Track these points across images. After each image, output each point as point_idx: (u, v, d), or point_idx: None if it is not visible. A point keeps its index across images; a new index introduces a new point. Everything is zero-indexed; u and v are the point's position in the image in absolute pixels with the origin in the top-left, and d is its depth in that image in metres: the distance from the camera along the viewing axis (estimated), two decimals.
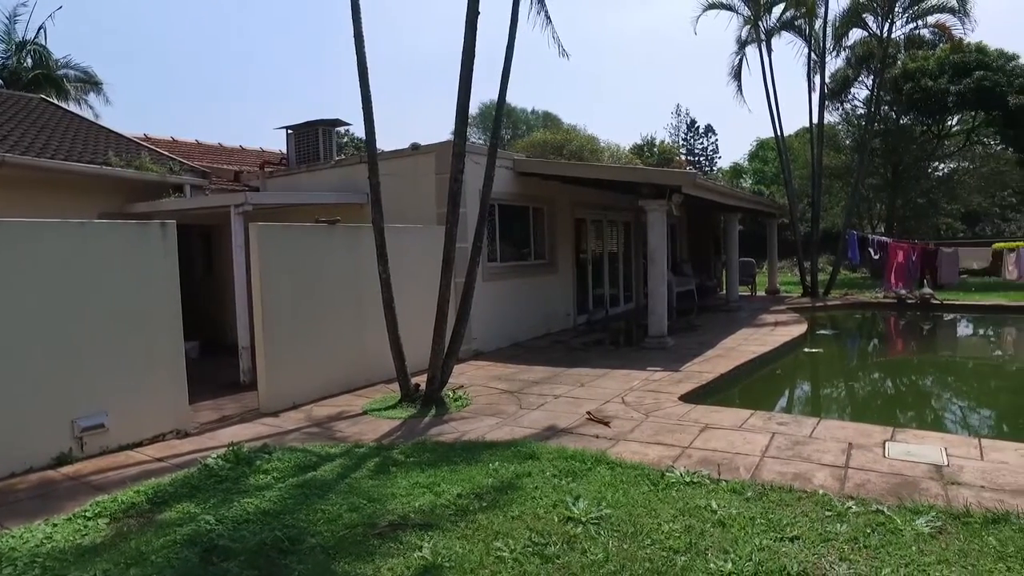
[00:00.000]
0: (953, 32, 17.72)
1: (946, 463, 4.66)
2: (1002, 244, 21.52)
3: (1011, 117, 22.77)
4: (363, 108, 7.04)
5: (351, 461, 5.06)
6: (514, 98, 57.25)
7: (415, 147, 10.60)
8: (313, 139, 12.30)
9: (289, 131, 12.68)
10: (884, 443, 5.13)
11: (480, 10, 7.04)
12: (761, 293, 19.44)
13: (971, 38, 21.00)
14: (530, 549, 3.45)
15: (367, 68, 6.98)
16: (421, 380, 7.08)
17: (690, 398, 6.90)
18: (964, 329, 15.00)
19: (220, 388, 8.01)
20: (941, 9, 17.34)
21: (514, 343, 10.88)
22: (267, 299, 6.89)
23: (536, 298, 11.71)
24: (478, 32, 6.94)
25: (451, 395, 7.18)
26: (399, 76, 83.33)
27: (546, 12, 9.69)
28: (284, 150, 13.32)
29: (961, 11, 16.92)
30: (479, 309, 9.79)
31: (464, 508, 4.03)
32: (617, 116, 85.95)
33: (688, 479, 4.40)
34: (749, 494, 4.13)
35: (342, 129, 21.01)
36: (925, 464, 4.65)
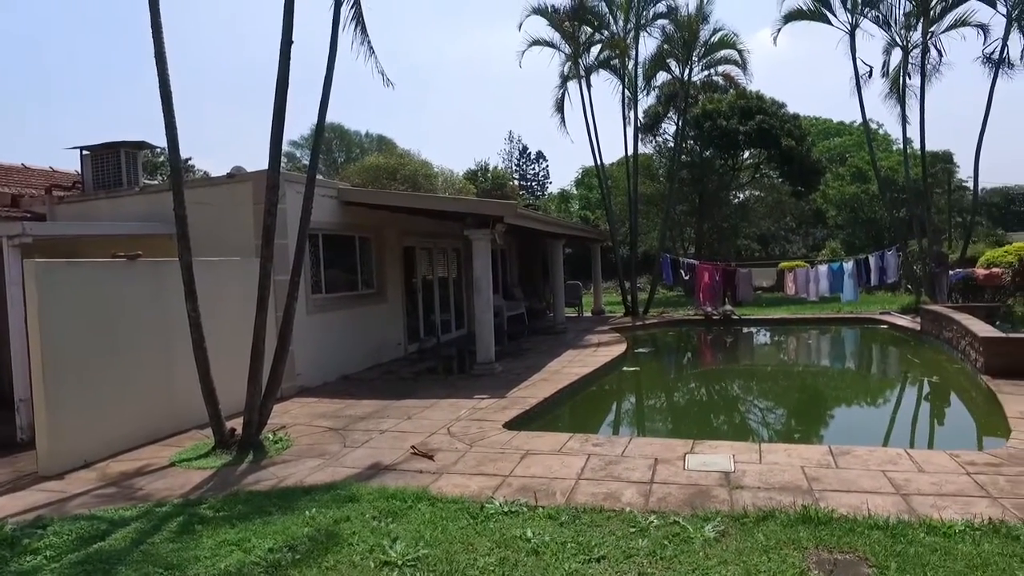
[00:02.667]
0: (738, 81, 20.61)
1: (733, 469, 5.22)
2: (785, 264, 24.77)
3: (784, 156, 26.65)
4: (167, 135, 6.56)
5: (149, 524, 4.60)
6: (349, 120, 56.41)
7: (232, 175, 10.04)
8: (115, 162, 11.17)
9: (85, 152, 11.41)
10: (685, 456, 5.63)
11: (294, 39, 6.88)
12: (588, 314, 20.60)
13: (752, 87, 24.36)
14: None
15: (171, 92, 6.51)
16: (239, 424, 6.65)
17: (514, 424, 7.11)
18: (758, 340, 16.95)
19: None
20: (728, 61, 20.08)
21: (342, 376, 10.57)
22: (48, 344, 6.10)
23: (365, 329, 11.49)
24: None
25: (271, 437, 6.81)
26: (236, 86, 78.58)
27: (369, 43, 9.64)
28: (80, 172, 11.95)
29: (742, 64, 19.85)
30: (304, 343, 9.43)
31: (276, 563, 3.83)
32: (452, 141, 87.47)
33: (507, 509, 4.52)
34: (563, 519, 4.32)
35: (158, 148, 19.27)
36: (717, 472, 5.18)
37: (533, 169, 63.53)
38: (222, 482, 5.58)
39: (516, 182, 52.33)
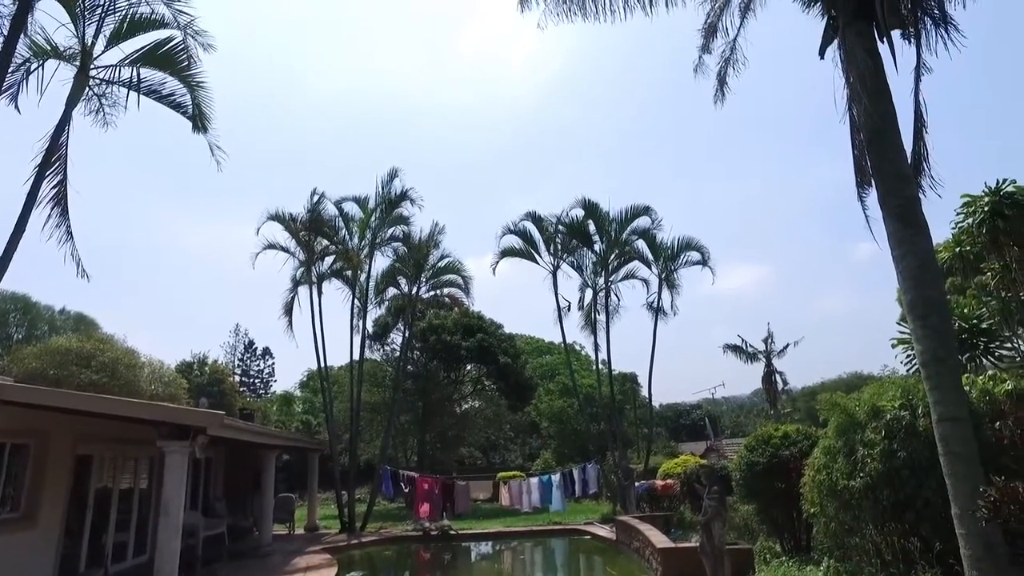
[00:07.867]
0: (461, 301, 22.72)
1: None
2: (502, 474, 25.87)
3: (501, 371, 29.21)
4: None
5: None
6: (44, 293, 49.37)
7: None
8: None
9: None
10: None
11: None
12: (300, 531, 18.78)
13: (476, 307, 27.04)
14: None
15: None
16: None
17: None
18: (476, 553, 16.80)
19: None
20: (453, 284, 22.40)
21: None
22: None
23: None
24: None
25: None
26: None
27: (68, 227, 8.92)
28: None
29: (465, 288, 22.37)
30: None
31: None
32: (171, 330, 79.86)
33: None
34: None
35: None
36: None
37: (258, 365, 60.44)
38: None
39: (237, 378, 48.88)
